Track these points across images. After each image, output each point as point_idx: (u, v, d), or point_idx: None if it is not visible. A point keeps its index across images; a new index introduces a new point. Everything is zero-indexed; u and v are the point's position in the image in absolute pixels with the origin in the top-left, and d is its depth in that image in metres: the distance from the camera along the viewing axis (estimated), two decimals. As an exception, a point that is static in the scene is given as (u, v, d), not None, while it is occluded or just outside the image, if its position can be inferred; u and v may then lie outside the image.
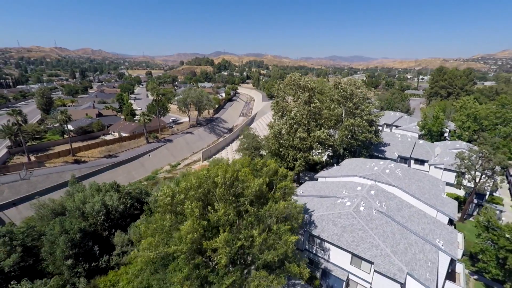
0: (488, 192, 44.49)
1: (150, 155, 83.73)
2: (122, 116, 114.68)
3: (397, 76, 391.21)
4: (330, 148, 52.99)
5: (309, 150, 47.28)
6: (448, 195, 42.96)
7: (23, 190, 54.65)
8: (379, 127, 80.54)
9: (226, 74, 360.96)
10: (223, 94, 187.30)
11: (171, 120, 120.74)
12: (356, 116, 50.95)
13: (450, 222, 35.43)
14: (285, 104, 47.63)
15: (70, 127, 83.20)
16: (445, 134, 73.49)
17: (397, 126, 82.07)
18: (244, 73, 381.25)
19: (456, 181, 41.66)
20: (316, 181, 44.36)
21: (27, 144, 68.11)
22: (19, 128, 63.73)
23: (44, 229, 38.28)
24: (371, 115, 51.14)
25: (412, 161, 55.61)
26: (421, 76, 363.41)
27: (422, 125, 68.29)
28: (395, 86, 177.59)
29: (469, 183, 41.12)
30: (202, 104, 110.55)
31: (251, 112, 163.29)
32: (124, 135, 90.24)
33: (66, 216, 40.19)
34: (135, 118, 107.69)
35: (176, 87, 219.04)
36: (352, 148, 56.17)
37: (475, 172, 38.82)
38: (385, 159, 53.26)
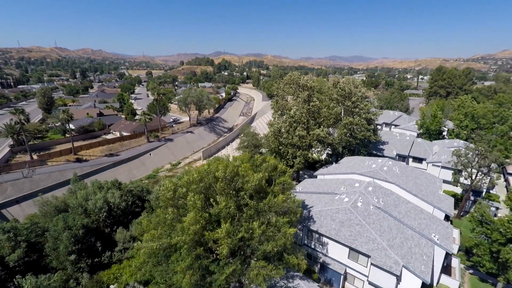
0: (484, 190, 45.16)
1: (150, 154, 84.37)
2: (123, 116, 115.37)
3: (397, 76, 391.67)
4: (329, 146, 53.61)
5: (308, 148, 47.91)
6: (446, 192, 43.59)
7: (26, 188, 55.32)
8: (378, 126, 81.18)
9: (226, 74, 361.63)
10: (223, 94, 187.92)
11: (171, 119, 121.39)
12: (354, 114, 51.60)
13: (447, 219, 36.05)
14: (284, 103, 48.29)
15: (71, 126, 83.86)
16: (443, 133, 74.10)
17: (396, 125, 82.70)
18: (244, 73, 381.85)
19: (453, 178, 42.28)
20: (315, 178, 44.99)
21: (29, 143, 68.75)
22: (22, 127, 64.41)
23: (47, 225, 38.87)
24: (369, 114, 51.77)
25: (410, 159, 56.28)
26: (421, 76, 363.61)
27: (420, 124, 68.94)
28: (394, 86, 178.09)
29: (465, 181, 41.77)
30: (203, 104, 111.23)
31: (251, 111, 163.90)
32: (125, 134, 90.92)
33: (69, 212, 40.74)
34: (135, 118, 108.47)
35: (176, 87, 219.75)
36: (351, 147, 56.80)
37: (471, 169, 39.46)
38: (383, 157, 53.78)
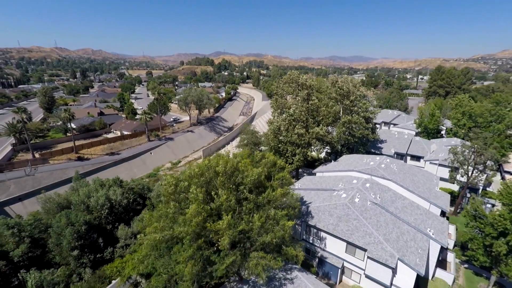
0: (481, 187, 45.82)
1: (151, 153, 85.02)
2: (124, 115, 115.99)
3: (396, 76, 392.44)
4: (328, 145, 54.24)
5: (307, 146, 48.54)
6: (443, 190, 44.21)
7: (28, 186, 55.97)
8: (377, 125, 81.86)
9: (226, 74, 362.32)
10: (223, 94, 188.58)
11: (171, 119, 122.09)
12: (353, 113, 52.24)
13: (444, 215, 36.66)
14: (284, 101, 48.89)
15: (72, 125, 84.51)
16: (442, 131, 74.76)
17: (394, 124, 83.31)
18: (244, 73, 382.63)
19: (449, 176, 42.91)
20: (314, 176, 45.61)
21: (31, 142, 69.37)
22: (24, 125, 65.04)
23: (50, 221, 39.51)
24: (367, 112, 52.41)
25: (408, 157, 56.89)
26: (420, 76, 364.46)
27: (418, 122, 69.59)
28: (393, 86, 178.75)
29: (462, 178, 42.40)
30: (203, 103, 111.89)
31: (251, 111, 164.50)
32: (125, 133, 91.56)
33: (72, 209, 41.41)
34: (136, 117, 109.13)
35: (176, 87, 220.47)
36: (350, 145, 57.46)
37: (467, 166, 40.09)
38: (381, 155, 54.43)
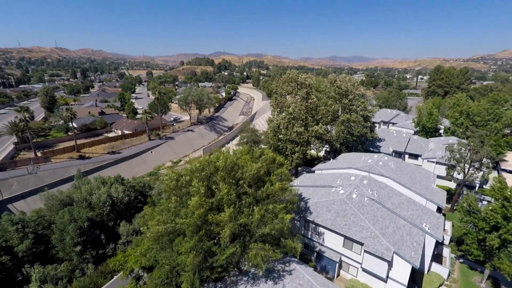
0: (477, 184, 46.44)
1: (152, 152, 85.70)
2: (124, 115, 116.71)
3: (396, 76, 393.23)
4: (327, 143, 54.87)
5: (306, 144, 49.18)
6: (441, 187, 44.79)
7: (31, 184, 56.66)
8: (376, 124, 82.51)
9: (226, 74, 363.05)
10: (223, 94, 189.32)
11: (172, 118, 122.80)
12: (351, 112, 52.90)
13: (440, 211, 37.24)
14: (283, 100, 49.53)
15: (74, 124, 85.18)
16: (440, 130, 75.40)
17: (393, 124, 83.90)
18: (244, 73, 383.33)
19: (446, 173, 43.55)
20: (313, 173, 46.24)
21: (33, 141, 70.04)
22: (26, 124, 65.71)
23: (53, 218, 40.20)
24: (365, 111, 53.05)
25: (406, 155, 57.52)
26: (420, 76, 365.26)
27: (417, 121, 70.22)
28: (393, 86, 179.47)
29: (459, 175, 43.04)
30: (203, 103, 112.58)
31: (251, 111, 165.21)
32: (126, 132, 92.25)
33: (74, 206, 42.08)
34: (137, 116, 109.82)
35: (176, 87, 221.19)
36: (348, 144, 58.11)
37: (464, 164, 40.73)
38: (380, 153, 55.02)
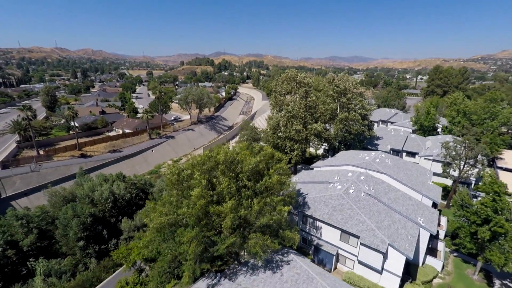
0: (473, 181, 47.20)
1: (153, 151, 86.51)
2: (125, 114, 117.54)
3: (396, 76, 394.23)
4: (326, 141, 55.66)
5: (305, 142, 49.98)
6: (438, 184, 45.54)
7: (34, 181, 57.45)
8: (374, 123, 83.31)
9: (226, 74, 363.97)
10: (224, 93, 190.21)
11: (172, 117, 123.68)
12: (350, 110, 53.70)
13: (435, 206, 37.99)
14: (282, 98, 50.31)
15: (75, 123, 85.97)
16: (438, 129, 76.23)
17: (392, 122, 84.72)
18: (244, 73, 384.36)
19: (442, 170, 44.34)
20: (312, 170, 47.04)
21: (35, 139, 70.82)
22: (29, 123, 66.49)
23: (56, 214, 41.04)
24: (363, 110, 53.86)
25: (404, 153, 58.33)
26: (420, 76, 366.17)
27: (414, 120, 71.02)
28: (392, 85, 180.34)
29: (454, 172, 43.81)
30: (203, 102, 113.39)
31: (251, 110, 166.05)
32: (127, 131, 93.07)
33: (77, 202, 42.92)
34: (137, 116, 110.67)
35: (177, 87, 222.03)
36: (347, 142, 58.94)
37: (459, 161, 41.50)
38: (377, 151, 55.86)
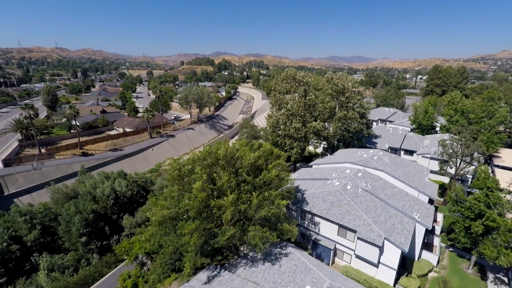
0: (470, 178, 47.81)
1: (153, 149, 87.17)
2: (126, 113, 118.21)
3: (396, 76, 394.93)
4: (325, 139, 56.28)
5: (304, 140, 50.61)
6: (435, 182, 46.20)
7: (36, 179, 58.10)
8: (373, 122, 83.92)
9: (226, 73, 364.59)
10: (224, 93, 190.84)
11: (172, 117, 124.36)
12: (348, 109, 54.33)
13: (432, 203, 38.58)
14: (282, 97, 50.93)
15: (76, 122, 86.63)
16: (436, 128, 76.81)
17: (391, 121, 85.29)
18: (244, 73, 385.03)
19: (439, 167, 44.94)
20: (310, 167, 47.65)
21: (36, 138, 71.47)
22: (31, 121, 67.13)
23: (59, 211, 41.72)
24: (361, 108, 54.51)
25: (402, 151, 58.97)
26: (420, 76, 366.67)
27: (413, 119, 71.61)
28: (391, 85, 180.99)
29: (451, 170, 44.41)
30: (203, 101, 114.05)
31: (251, 110, 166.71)
32: (128, 130, 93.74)
33: (79, 199, 43.59)
34: (138, 115, 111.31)
35: (177, 86, 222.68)
36: (346, 140, 59.55)
37: (456, 159, 42.11)
38: (375, 149, 56.46)
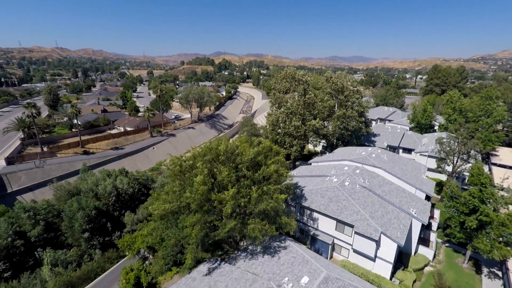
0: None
1: (154, 148, 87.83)
2: (126, 112, 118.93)
3: (396, 75, 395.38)
4: (324, 138, 56.90)
5: (303, 138, 51.24)
6: (433, 180, 46.76)
7: (38, 177, 58.78)
8: (373, 121, 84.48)
9: (226, 73, 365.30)
10: (224, 93, 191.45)
11: (173, 116, 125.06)
12: (347, 107, 54.96)
13: (428, 199, 39.19)
14: (281, 96, 51.56)
15: (78, 121, 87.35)
16: (435, 127, 77.39)
17: (390, 120, 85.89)
18: (245, 72, 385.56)
19: (436, 165, 45.55)
20: (310, 165, 48.28)
21: (38, 136, 72.17)
22: (34, 120, 67.81)
23: (62, 207, 42.41)
24: (360, 107, 55.13)
25: (400, 150, 59.56)
26: (420, 76, 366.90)
27: (411, 118, 72.18)
28: (391, 84, 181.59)
29: (448, 167, 45.03)
30: (203, 101, 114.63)
31: (251, 109, 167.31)
32: (129, 129, 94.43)
33: (81, 196, 44.26)
34: (139, 114, 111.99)
35: (177, 86, 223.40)
36: (345, 139, 60.17)
37: (453, 156, 42.72)
38: (374, 147, 57.05)
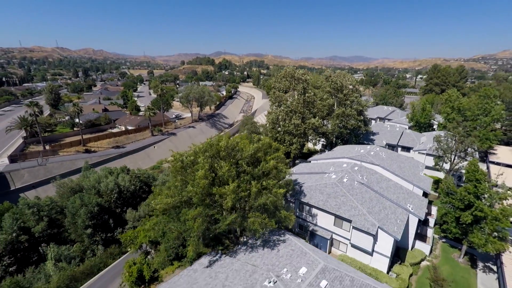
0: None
1: (155, 147, 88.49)
2: (127, 111, 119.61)
3: (396, 75, 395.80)
4: (323, 136, 57.50)
5: (303, 136, 51.84)
6: (431, 177, 47.27)
7: (41, 175, 59.46)
8: (372, 120, 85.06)
9: (226, 73, 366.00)
10: (224, 92, 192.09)
11: (174, 115, 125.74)
12: (346, 106, 55.55)
13: (426, 196, 39.74)
14: (281, 95, 52.15)
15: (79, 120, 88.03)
16: (434, 126, 77.92)
17: (389, 120, 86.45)
18: (245, 72, 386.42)
19: (434, 163, 46.13)
20: (309, 163, 48.88)
21: (40, 135, 72.85)
22: (36, 119, 68.50)
23: (65, 204, 43.10)
24: (359, 105, 55.72)
25: (399, 148, 60.13)
26: (420, 76, 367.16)
27: (410, 117, 72.73)
28: (390, 84, 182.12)
29: (446, 165, 45.59)
30: (204, 100, 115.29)
31: (252, 109, 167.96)
32: (130, 128, 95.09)
33: (84, 193, 44.92)
34: (139, 113, 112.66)
35: (178, 86, 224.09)
36: (344, 137, 60.73)
37: (450, 154, 43.30)
38: (373, 145, 57.63)
